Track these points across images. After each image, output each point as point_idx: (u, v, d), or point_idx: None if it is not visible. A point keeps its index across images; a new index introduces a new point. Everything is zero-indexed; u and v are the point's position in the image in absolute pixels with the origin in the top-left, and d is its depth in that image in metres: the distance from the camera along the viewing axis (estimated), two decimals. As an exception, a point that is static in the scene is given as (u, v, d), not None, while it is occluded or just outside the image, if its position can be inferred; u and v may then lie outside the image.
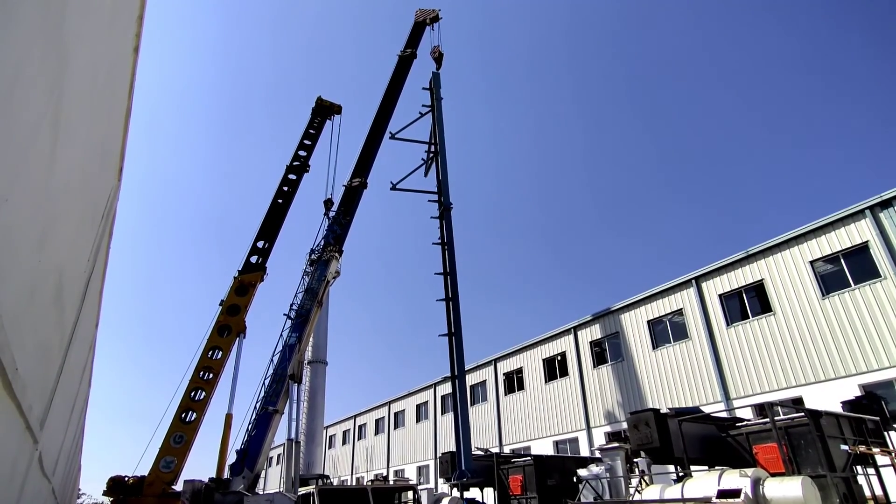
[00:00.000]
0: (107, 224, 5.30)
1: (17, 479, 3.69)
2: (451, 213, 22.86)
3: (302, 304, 19.38)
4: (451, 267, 21.69)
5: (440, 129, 24.95)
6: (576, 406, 26.35)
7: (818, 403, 15.45)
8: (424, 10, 27.28)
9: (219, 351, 18.47)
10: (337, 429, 54.28)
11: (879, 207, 16.82)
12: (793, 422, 10.04)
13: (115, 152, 4.49)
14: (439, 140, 24.66)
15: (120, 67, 3.66)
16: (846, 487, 9.32)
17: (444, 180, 23.65)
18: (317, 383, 32.40)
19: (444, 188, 23.47)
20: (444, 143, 24.61)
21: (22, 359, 2.52)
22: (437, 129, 24.96)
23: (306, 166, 23.38)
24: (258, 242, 21.00)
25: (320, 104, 25.03)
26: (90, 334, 7.49)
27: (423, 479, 36.36)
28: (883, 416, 11.55)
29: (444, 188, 23.47)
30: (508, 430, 30.62)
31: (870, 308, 16.65)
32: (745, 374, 19.64)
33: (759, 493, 8.53)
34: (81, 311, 4.86)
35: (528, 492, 15.46)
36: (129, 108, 4.43)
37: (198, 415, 17.45)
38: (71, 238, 3.29)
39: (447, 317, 20.95)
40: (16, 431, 3.08)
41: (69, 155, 2.64)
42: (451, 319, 20.76)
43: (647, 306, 24.10)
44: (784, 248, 19.35)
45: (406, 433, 40.97)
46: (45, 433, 4.50)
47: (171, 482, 16.20)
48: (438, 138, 24.72)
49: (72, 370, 5.58)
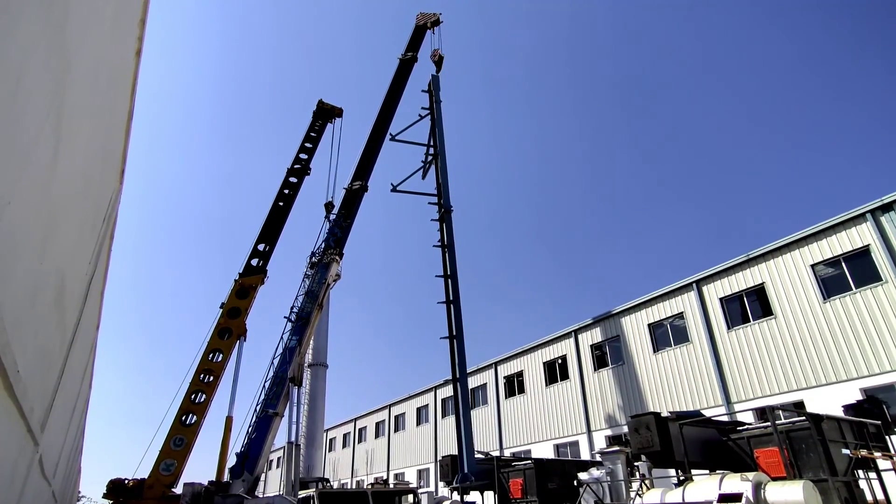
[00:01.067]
0: (108, 227, 5.30)
1: (18, 482, 3.69)
2: (451, 216, 22.89)
3: (302, 307, 19.39)
4: (452, 270, 21.70)
5: (439, 132, 25.01)
6: (576, 409, 26.29)
7: (819, 407, 15.42)
8: (426, 13, 27.46)
9: (219, 354, 18.46)
10: (337, 432, 54.18)
11: (881, 211, 16.81)
12: (794, 426, 10.01)
13: (116, 155, 4.50)
14: (439, 143, 24.75)
15: (122, 70, 3.67)
16: (847, 491, 9.29)
17: (444, 183, 23.69)
18: (317, 386, 32.33)
19: (444, 191, 23.50)
20: (443, 146, 24.69)
21: (23, 361, 2.52)
22: (436, 132, 25.04)
23: (307, 169, 23.43)
24: (259, 245, 21.03)
25: (321, 107, 25.09)
26: (91, 337, 7.49)
27: (423, 483, 36.26)
28: (884, 420, 11.52)
29: (444, 191, 23.50)
30: (509, 433, 30.55)
31: (871, 312, 16.62)
32: (746, 377, 19.60)
33: (761, 497, 8.50)
34: (83, 313, 4.87)
35: (529, 495, 15.40)
36: (132, 110, 4.45)
37: (198, 417, 17.44)
38: (72, 240, 3.30)
39: (448, 320, 20.95)
40: (17, 434, 3.08)
41: (71, 158, 2.65)
42: (453, 322, 20.76)
43: (647, 310, 24.07)
44: (785, 252, 19.33)
45: (406, 436, 40.89)
46: (46, 435, 4.50)
47: (171, 485, 16.17)
48: (438, 141, 24.80)
49: (73, 372, 5.58)
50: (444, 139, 24.94)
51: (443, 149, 24.58)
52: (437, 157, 24.54)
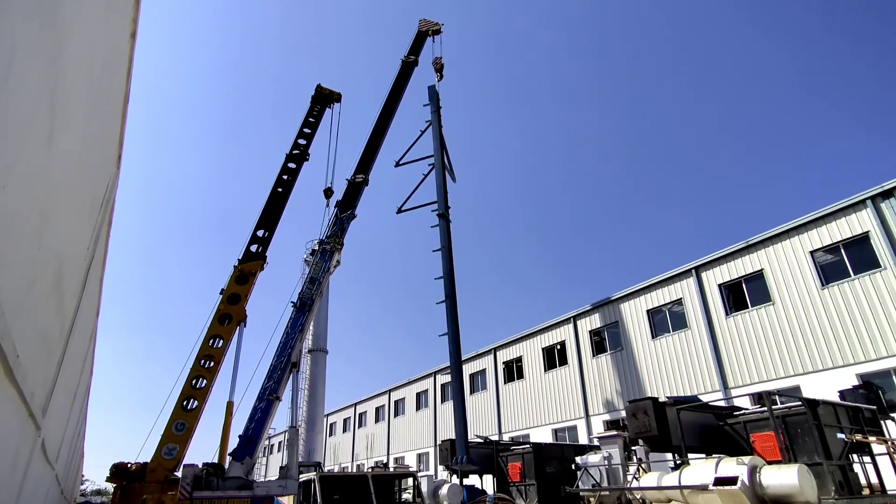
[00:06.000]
0: (106, 212, 5.28)
1: (20, 466, 3.72)
2: (448, 221, 23.70)
3: (303, 293, 19.43)
4: (449, 270, 22.55)
5: (438, 141, 25.87)
6: (575, 395, 26.49)
7: (816, 393, 15.53)
8: (428, 21, 28.45)
9: (219, 339, 18.53)
10: (337, 416, 54.63)
11: (881, 197, 16.77)
12: (790, 410, 10.09)
13: (113, 139, 4.46)
14: (436, 152, 25.64)
15: (117, 53, 3.62)
16: (842, 475, 9.40)
17: (443, 190, 24.50)
18: (317, 372, 32.56)
19: (440, 196, 24.38)
20: (441, 154, 25.49)
21: (23, 346, 2.52)
22: (434, 142, 25.95)
23: (306, 155, 23.31)
24: (258, 231, 20.99)
25: (320, 92, 24.88)
26: (91, 322, 7.51)
27: (423, 467, 36.67)
28: (880, 405, 11.62)
29: (440, 196, 24.38)
30: (508, 418, 30.82)
31: (869, 298, 16.66)
32: (743, 363, 19.72)
33: (756, 481, 8.60)
34: (82, 299, 4.87)
35: (527, 479, 15.59)
36: (127, 94, 4.40)
37: (199, 403, 17.55)
38: (70, 226, 3.28)
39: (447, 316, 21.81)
40: (18, 418, 3.10)
41: (67, 142, 2.62)
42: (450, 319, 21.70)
43: (646, 296, 24.13)
44: (784, 238, 19.32)
45: (406, 421, 41.25)
46: (48, 420, 4.53)
47: (173, 469, 16.33)
48: (436, 149, 25.73)
49: (73, 358, 5.60)
50: (441, 148, 25.77)
51: (441, 157, 25.41)
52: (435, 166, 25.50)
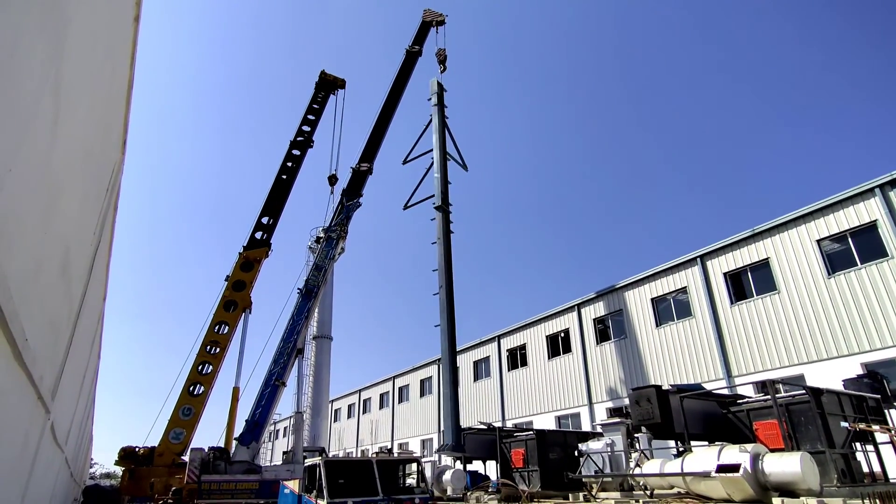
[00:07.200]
0: (111, 197, 5.29)
1: (31, 448, 3.78)
2: (447, 214, 24.04)
3: (309, 280, 19.52)
4: (446, 262, 22.80)
5: (439, 135, 26.01)
6: (578, 382, 26.59)
7: (820, 381, 15.52)
8: (432, 11, 28.46)
9: (225, 326, 18.69)
10: (342, 403, 55.11)
11: (890, 186, 16.58)
12: (794, 399, 10.09)
13: (117, 125, 4.46)
14: (436, 145, 25.80)
15: (120, 37, 3.60)
16: (845, 463, 9.42)
17: (441, 183, 24.72)
18: (322, 358, 32.79)
19: (438, 189, 24.58)
20: (444, 148, 25.66)
21: (31, 330, 2.54)
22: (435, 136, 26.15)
23: (310, 142, 23.27)
24: (263, 218, 21.05)
25: (324, 78, 24.76)
26: (98, 307, 7.57)
27: (426, 452, 37.02)
28: (884, 394, 11.60)
29: (438, 189, 24.58)
30: (511, 405, 31.00)
31: (875, 287, 16.56)
32: (747, 351, 19.70)
33: (759, 468, 8.63)
34: (89, 283, 4.90)
35: (530, 465, 15.70)
36: (132, 79, 4.38)
37: (205, 388, 17.76)
38: (75, 211, 3.29)
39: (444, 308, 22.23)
40: (28, 401, 3.14)
41: (71, 127, 2.62)
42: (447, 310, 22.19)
43: (651, 284, 24.09)
44: (791, 227, 19.18)
45: (410, 407, 41.57)
46: (57, 403, 4.58)
47: (180, 453, 16.58)
48: (435, 143, 25.89)
49: (81, 342, 5.66)
50: (443, 141, 25.92)
51: (443, 150, 25.59)
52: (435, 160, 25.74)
